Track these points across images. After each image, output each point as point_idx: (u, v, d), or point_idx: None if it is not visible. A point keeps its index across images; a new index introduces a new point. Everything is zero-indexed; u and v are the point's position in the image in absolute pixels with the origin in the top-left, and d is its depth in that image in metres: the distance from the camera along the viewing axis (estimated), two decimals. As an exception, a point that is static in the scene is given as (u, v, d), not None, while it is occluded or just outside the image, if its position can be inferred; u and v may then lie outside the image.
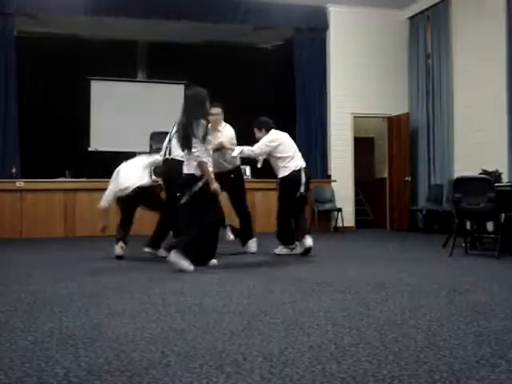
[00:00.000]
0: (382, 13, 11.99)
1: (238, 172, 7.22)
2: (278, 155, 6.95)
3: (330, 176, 11.76)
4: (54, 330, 3.11)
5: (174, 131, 6.29)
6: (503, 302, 3.93)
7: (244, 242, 7.22)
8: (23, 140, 11.04)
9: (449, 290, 4.29)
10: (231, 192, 7.08)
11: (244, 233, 7.21)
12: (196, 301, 3.95)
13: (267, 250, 7.44)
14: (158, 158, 6.92)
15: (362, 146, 13.00)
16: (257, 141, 7.26)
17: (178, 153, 6.10)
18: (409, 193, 11.75)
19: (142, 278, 5.04)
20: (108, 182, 10.31)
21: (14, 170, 10.21)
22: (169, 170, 6.36)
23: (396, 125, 12.12)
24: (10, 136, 10.65)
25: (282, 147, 6.99)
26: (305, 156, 11.74)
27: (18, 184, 9.92)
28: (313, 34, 12.00)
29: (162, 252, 6.43)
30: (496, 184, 7.08)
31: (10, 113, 10.67)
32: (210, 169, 5.52)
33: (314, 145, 11.90)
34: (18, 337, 2.97)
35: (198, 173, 5.40)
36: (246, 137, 7.51)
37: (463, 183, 7.09)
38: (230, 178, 6.90)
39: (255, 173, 11.34)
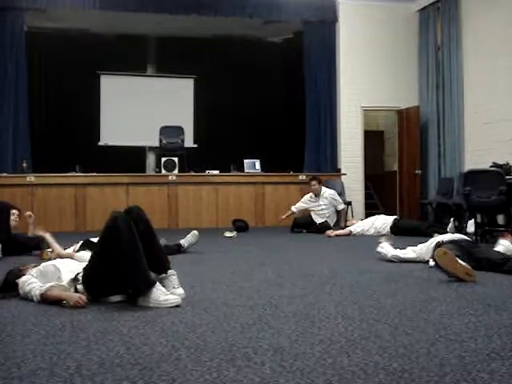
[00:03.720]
0: (392, 5, 11.93)
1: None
2: None
3: (339, 169, 11.73)
4: (66, 323, 3.13)
5: None
6: (514, 295, 3.92)
7: None
8: (34, 135, 11.11)
9: (459, 283, 4.27)
10: None
11: None
12: (206, 294, 3.96)
13: (276, 245, 7.43)
14: None
15: (372, 140, 12.98)
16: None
17: None
18: (419, 186, 11.71)
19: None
20: (118, 175, 10.43)
21: (24, 165, 10.25)
22: None
23: (406, 118, 12.07)
24: (21, 131, 10.70)
25: None
26: (315, 149, 11.92)
27: (28, 179, 9.97)
28: (322, 27, 11.96)
29: None
30: (507, 177, 7.04)
31: (21, 108, 10.72)
32: None
33: (324, 138, 11.88)
34: (30, 330, 2.99)
35: None
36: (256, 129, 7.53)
37: (474, 176, 7.07)
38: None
39: (265, 166, 11.35)
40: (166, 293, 3.58)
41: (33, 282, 3.78)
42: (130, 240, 3.55)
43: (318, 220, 9.47)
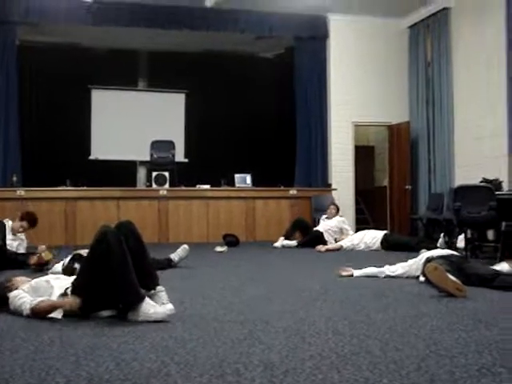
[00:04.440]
0: (382, 22, 12.02)
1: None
2: None
3: (330, 184, 11.76)
4: (55, 339, 3.11)
5: None
6: (504, 310, 3.92)
7: None
8: (24, 148, 11.07)
9: (450, 299, 4.28)
10: None
11: None
12: (196, 310, 3.95)
13: (267, 260, 7.42)
14: None
15: (363, 155, 13.03)
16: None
17: None
18: (409, 201, 11.75)
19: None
20: (108, 190, 10.42)
21: (14, 179, 10.21)
22: None
23: (396, 133, 12.13)
24: (11, 144, 10.67)
25: None
26: (305, 164, 11.95)
27: (18, 192, 9.93)
28: (313, 43, 12.03)
29: None
30: (496, 192, 7.09)
31: (11, 121, 10.70)
32: None
33: (315, 153, 11.90)
34: (18, 346, 2.96)
35: None
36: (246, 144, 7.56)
37: (464, 192, 7.10)
38: None
39: (256, 181, 11.37)
40: (155, 305, 3.57)
41: (23, 296, 3.76)
42: (119, 254, 3.55)
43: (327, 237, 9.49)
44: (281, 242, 9.45)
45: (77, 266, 5.71)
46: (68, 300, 3.61)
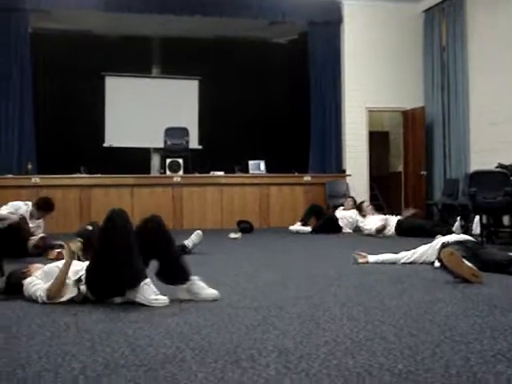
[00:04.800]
0: (397, 6, 11.90)
1: None
2: None
3: (344, 170, 11.71)
4: (70, 324, 3.13)
5: None
6: (520, 296, 3.90)
7: None
8: (39, 136, 11.11)
9: (465, 284, 4.26)
10: None
11: None
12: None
13: (281, 246, 7.42)
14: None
15: (377, 140, 12.96)
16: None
17: None
18: (424, 187, 11.68)
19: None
20: (122, 177, 10.45)
21: (29, 166, 10.27)
22: None
23: (411, 119, 12.04)
24: (26, 132, 10.72)
25: None
26: (319, 150, 11.90)
27: (33, 180, 9.98)
28: (327, 28, 11.93)
29: None
30: (512, 178, 7.03)
31: (26, 109, 10.73)
32: None
33: (329, 139, 11.85)
34: (34, 332, 2.99)
35: None
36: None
37: (479, 177, 7.06)
38: None
39: (270, 167, 11.35)
40: (157, 292, 3.62)
41: (37, 283, 3.79)
42: (123, 233, 3.62)
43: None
44: (296, 226, 9.52)
45: (89, 227, 5.89)
46: (68, 250, 3.75)
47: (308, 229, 9.44)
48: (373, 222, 8.98)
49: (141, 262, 3.64)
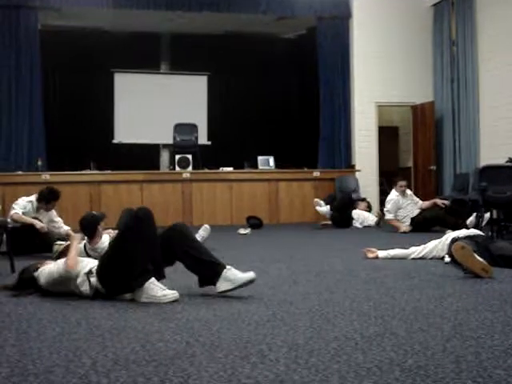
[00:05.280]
0: (406, 0, 11.85)
1: None
2: None
3: (353, 165, 11.69)
4: (81, 320, 3.14)
5: None
6: (531, 291, 3.88)
7: None
8: (48, 133, 11.14)
9: (475, 279, 4.25)
10: None
11: None
12: (221, 291, 3.96)
13: (291, 241, 7.40)
14: None
15: (387, 135, 12.90)
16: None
17: None
18: (434, 182, 11.64)
19: (167, 268, 5.06)
20: (132, 173, 10.48)
21: (39, 163, 10.30)
22: None
23: (421, 113, 11.99)
24: (36, 129, 10.77)
25: None
26: (329, 146, 11.88)
27: (43, 177, 10.01)
28: (336, 23, 11.89)
29: None
30: (523, 172, 6.99)
31: (35, 106, 10.78)
32: None
33: (338, 134, 11.83)
34: (45, 327, 3.01)
35: None
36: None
37: (489, 172, 7.01)
38: None
39: (279, 163, 11.34)
40: (163, 288, 3.63)
41: (50, 266, 3.89)
42: (143, 236, 3.66)
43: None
44: (320, 203, 9.71)
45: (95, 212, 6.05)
46: (73, 241, 3.97)
47: (327, 210, 9.59)
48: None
49: (144, 261, 3.67)
